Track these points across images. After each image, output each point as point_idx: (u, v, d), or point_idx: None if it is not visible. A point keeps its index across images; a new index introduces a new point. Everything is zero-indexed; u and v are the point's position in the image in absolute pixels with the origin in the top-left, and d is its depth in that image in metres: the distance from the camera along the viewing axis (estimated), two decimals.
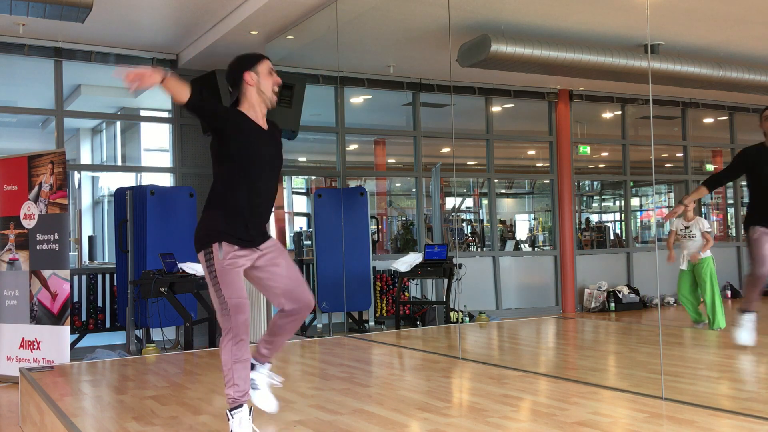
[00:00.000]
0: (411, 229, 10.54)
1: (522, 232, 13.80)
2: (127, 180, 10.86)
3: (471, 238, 12.09)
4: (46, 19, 6.40)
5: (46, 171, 6.60)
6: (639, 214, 10.61)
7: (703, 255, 7.03)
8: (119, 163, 11.80)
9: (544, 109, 10.58)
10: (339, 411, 3.72)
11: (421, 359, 5.50)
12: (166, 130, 9.79)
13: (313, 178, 12.84)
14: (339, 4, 6.65)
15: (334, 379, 4.58)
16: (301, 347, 6.33)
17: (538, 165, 12.10)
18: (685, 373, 4.75)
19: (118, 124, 11.70)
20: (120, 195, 7.89)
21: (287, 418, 3.61)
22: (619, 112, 10.41)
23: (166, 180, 9.23)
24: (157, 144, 10.97)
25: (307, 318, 8.52)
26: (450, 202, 11.82)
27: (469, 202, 12.83)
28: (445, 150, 10.81)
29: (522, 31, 7.58)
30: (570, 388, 4.13)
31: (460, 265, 7.85)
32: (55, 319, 6.38)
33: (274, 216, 10.85)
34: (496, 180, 10.74)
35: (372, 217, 9.37)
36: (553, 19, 7.56)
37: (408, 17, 7.46)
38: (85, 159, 12.28)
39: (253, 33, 7.51)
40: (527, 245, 12.66)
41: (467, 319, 8.38)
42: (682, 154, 10.32)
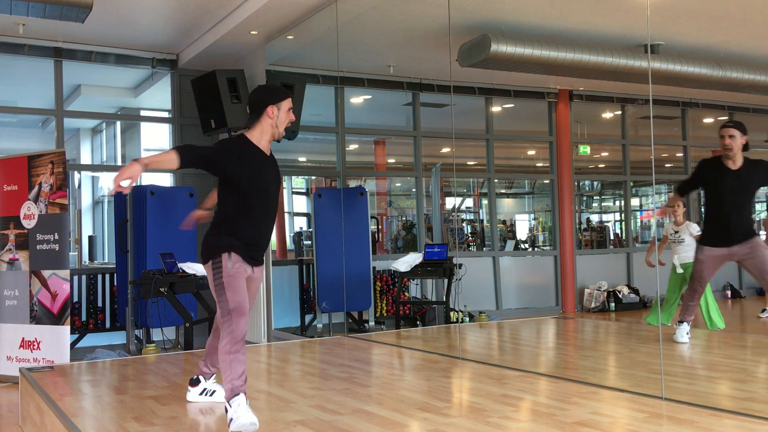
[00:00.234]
0: (412, 229, 10.54)
1: (522, 232, 13.79)
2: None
3: (471, 238, 12.08)
4: (46, 19, 6.41)
5: (46, 171, 6.61)
6: (639, 214, 10.60)
7: (691, 260, 6.96)
8: (119, 163, 11.80)
9: (544, 109, 10.58)
10: (339, 411, 3.73)
11: (421, 359, 5.50)
12: (166, 130, 9.80)
13: (313, 178, 12.82)
14: (339, 4, 6.65)
15: (334, 379, 4.58)
16: (301, 347, 6.33)
17: (538, 165, 12.09)
18: (685, 373, 4.76)
19: (118, 124, 11.70)
20: (120, 195, 7.89)
21: (287, 418, 3.61)
22: (619, 112, 10.40)
23: (166, 180, 9.23)
24: (157, 144, 10.97)
25: (307, 318, 8.58)
26: (450, 202, 11.81)
27: (469, 202, 12.82)
28: (445, 150, 10.80)
29: (522, 31, 7.57)
30: (570, 388, 4.14)
31: (460, 265, 7.85)
32: (55, 319, 6.38)
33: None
34: (496, 180, 10.74)
35: (372, 217, 9.37)
36: (553, 19, 7.56)
37: (408, 17, 7.46)
38: (85, 159, 12.29)
39: (253, 33, 7.52)
40: (527, 245, 12.65)
41: (467, 319, 8.37)
42: (682, 154, 10.29)
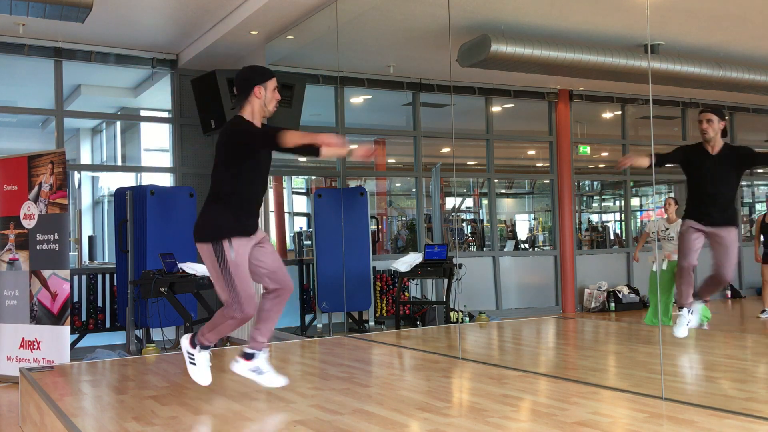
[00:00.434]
0: (414, 229, 10.55)
1: (522, 232, 13.79)
2: (127, 180, 10.86)
3: (471, 238, 12.08)
4: (46, 19, 6.41)
5: (46, 171, 6.61)
6: (639, 214, 10.60)
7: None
8: (119, 163, 11.80)
9: (544, 109, 10.58)
10: (339, 411, 3.72)
11: (421, 359, 5.49)
12: (166, 130, 9.80)
13: (313, 178, 12.82)
14: (339, 4, 6.65)
15: (334, 379, 4.58)
16: (301, 347, 6.33)
17: (538, 165, 12.10)
18: (684, 373, 4.76)
19: (118, 124, 11.70)
20: (120, 195, 7.89)
21: (287, 418, 3.61)
22: (619, 112, 10.40)
23: (166, 180, 9.23)
24: (157, 144, 10.98)
25: (307, 318, 8.59)
26: (450, 202, 11.82)
27: (469, 202, 12.82)
28: (445, 150, 10.80)
29: (522, 31, 7.58)
30: (570, 388, 4.14)
31: (460, 265, 7.85)
32: (55, 319, 6.38)
33: (275, 216, 10.89)
34: (496, 180, 10.75)
35: (372, 217, 9.37)
36: (553, 19, 7.57)
37: (408, 17, 7.46)
38: (85, 159, 12.29)
39: (253, 33, 7.52)
40: (527, 245, 12.65)
41: (467, 319, 8.37)
42: None
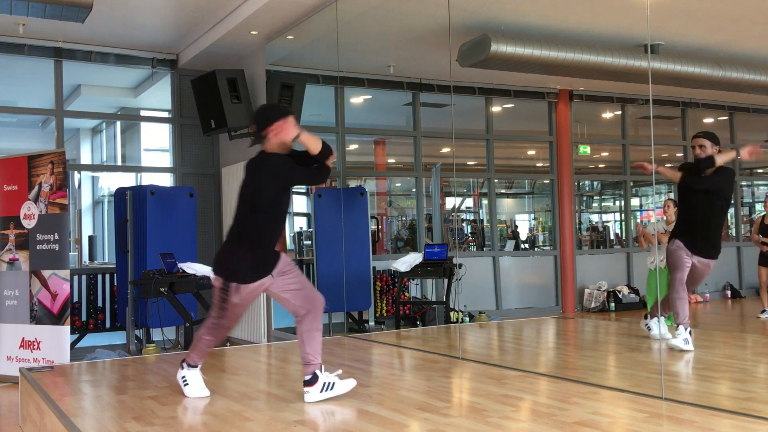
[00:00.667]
0: (415, 229, 10.55)
1: (522, 232, 13.78)
2: (127, 180, 10.86)
3: (471, 238, 12.08)
4: (46, 19, 6.40)
5: (46, 171, 6.60)
6: (639, 214, 10.59)
7: None
8: (119, 163, 11.80)
9: (544, 109, 10.57)
10: (339, 411, 3.73)
11: (421, 359, 5.49)
12: (166, 130, 9.80)
13: None
14: (339, 4, 6.65)
15: None
16: None
17: (538, 165, 12.09)
18: (684, 373, 4.76)
19: (118, 124, 11.71)
20: (120, 195, 7.89)
21: (287, 418, 3.61)
22: (619, 112, 10.39)
23: (166, 180, 9.23)
24: (157, 144, 10.98)
25: None
26: (450, 202, 11.81)
27: (469, 202, 12.81)
28: (445, 150, 10.80)
29: (522, 31, 7.57)
30: (570, 388, 4.13)
31: (460, 265, 7.84)
32: (55, 319, 6.38)
33: None
34: (496, 180, 10.74)
35: (372, 217, 9.37)
36: (553, 19, 7.56)
37: (408, 17, 7.46)
38: (85, 159, 12.29)
39: (253, 33, 7.52)
40: (527, 245, 12.64)
41: (467, 319, 8.36)
42: (682, 154, 10.29)
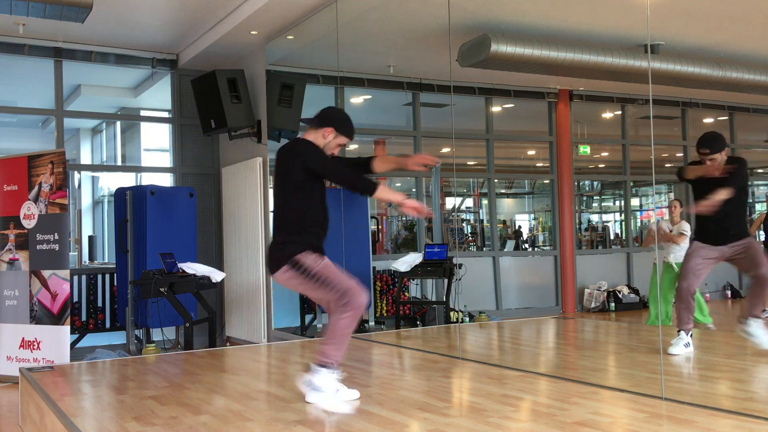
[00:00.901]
0: (413, 229, 10.55)
1: (523, 232, 13.78)
2: (127, 180, 10.86)
3: (471, 238, 12.08)
4: (46, 19, 6.40)
5: (46, 171, 6.61)
6: (639, 214, 10.59)
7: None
8: (119, 163, 11.80)
9: (544, 109, 10.56)
10: (339, 411, 3.72)
11: (421, 359, 5.49)
12: (166, 130, 9.80)
13: None
14: (339, 4, 6.65)
15: None
16: (301, 347, 6.33)
17: (538, 165, 12.08)
18: (685, 373, 4.76)
19: (118, 124, 11.70)
20: (120, 195, 7.89)
21: (287, 418, 3.61)
22: (619, 112, 10.39)
23: (166, 180, 9.23)
24: (157, 144, 10.98)
25: (307, 318, 8.58)
26: (450, 202, 11.81)
27: (469, 202, 12.82)
28: (445, 150, 10.80)
29: (522, 31, 7.57)
30: (570, 388, 4.13)
31: (460, 265, 7.85)
32: (55, 319, 6.38)
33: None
34: (496, 180, 10.74)
35: (372, 217, 9.36)
36: (553, 19, 7.56)
37: (408, 17, 7.46)
38: (85, 159, 12.28)
39: (253, 33, 7.52)
40: (527, 245, 12.64)
41: (467, 319, 8.36)
42: (682, 154, 10.28)
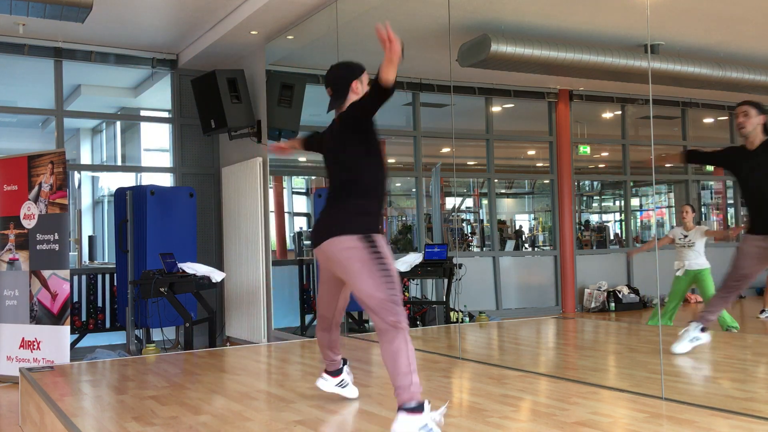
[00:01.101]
0: (411, 229, 10.54)
1: (523, 232, 13.79)
2: (127, 180, 10.87)
3: (471, 238, 12.08)
4: (46, 19, 6.40)
5: (46, 171, 6.61)
6: (639, 214, 10.59)
7: (701, 266, 6.83)
8: (119, 163, 11.80)
9: (544, 109, 10.56)
10: (339, 411, 3.73)
11: (421, 359, 5.49)
12: (166, 130, 9.80)
13: (313, 177, 12.79)
14: (339, 4, 6.65)
15: None
16: (301, 347, 6.33)
17: (538, 165, 12.08)
18: (685, 373, 4.76)
19: (118, 124, 11.71)
20: (120, 195, 7.90)
21: (287, 418, 3.61)
22: (619, 112, 10.39)
23: (166, 180, 9.23)
24: (157, 144, 10.98)
25: (307, 318, 8.58)
26: (450, 202, 11.81)
27: (469, 202, 12.82)
28: (445, 150, 10.79)
29: (522, 31, 7.57)
30: (570, 388, 4.13)
31: (460, 265, 7.85)
32: (55, 319, 6.38)
33: (275, 216, 10.87)
34: (496, 180, 10.75)
35: None
36: (553, 19, 7.56)
37: (408, 17, 7.46)
38: (85, 159, 12.29)
39: (253, 33, 7.52)
40: (527, 245, 12.65)
41: (467, 319, 8.36)
42: None
